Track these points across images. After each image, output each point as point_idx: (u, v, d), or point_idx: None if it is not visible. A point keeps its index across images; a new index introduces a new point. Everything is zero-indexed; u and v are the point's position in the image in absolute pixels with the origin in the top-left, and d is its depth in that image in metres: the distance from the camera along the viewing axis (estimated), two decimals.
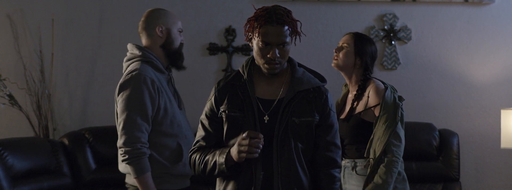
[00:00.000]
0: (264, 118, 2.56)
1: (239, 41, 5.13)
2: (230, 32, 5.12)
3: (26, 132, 5.01)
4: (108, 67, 5.15)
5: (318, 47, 5.11)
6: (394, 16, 5.09)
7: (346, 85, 3.60)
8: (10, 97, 4.92)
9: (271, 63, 2.54)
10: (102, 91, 5.14)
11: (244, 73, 2.63)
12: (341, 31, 5.12)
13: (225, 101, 2.60)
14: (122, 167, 3.09)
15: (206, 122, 2.65)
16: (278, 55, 2.52)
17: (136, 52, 3.20)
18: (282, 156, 2.55)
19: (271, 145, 2.54)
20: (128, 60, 3.24)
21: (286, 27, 2.51)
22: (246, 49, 5.12)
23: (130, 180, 3.11)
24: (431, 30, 5.12)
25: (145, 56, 3.16)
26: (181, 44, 3.23)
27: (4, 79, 4.93)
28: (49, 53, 5.06)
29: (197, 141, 2.67)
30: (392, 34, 5.08)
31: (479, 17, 5.09)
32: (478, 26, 5.10)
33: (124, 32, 5.15)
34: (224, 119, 2.60)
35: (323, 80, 2.66)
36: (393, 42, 5.10)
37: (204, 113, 2.67)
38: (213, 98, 2.63)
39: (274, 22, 2.49)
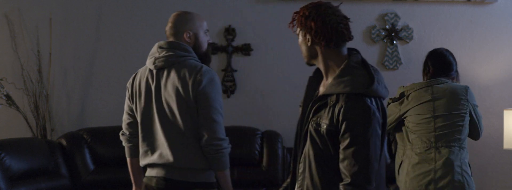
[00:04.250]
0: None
1: (239, 40, 5.09)
2: (229, 32, 5.09)
3: (24, 132, 4.99)
4: (107, 67, 5.12)
5: None
6: (396, 15, 5.06)
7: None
8: (8, 97, 4.89)
9: None
10: (100, 91, 5.12)
11: None
12: None
13: (304, 93, 2.61)
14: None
15: None
16: None
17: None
18: (303, 159, 2.51)
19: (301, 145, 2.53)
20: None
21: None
22: (245, 49, 5.09)
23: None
24: (433, 30, 5.09)
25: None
26: (209, 45, 3.26)
27: (2, 79, 4.91)
28: (47, 52, 5.03)
29: None
30: (393, 33, 5.05)
31: (481, 16, 5.07)
32: (480, 26, 5.07)
33: (123, 32, 5.12)
34: None
35: (358, 88, 2.42)
36: (394, 42, 5.07)
37: None
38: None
39: None
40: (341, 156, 2.40)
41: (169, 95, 2.98)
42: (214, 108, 2.95)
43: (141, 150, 3.08)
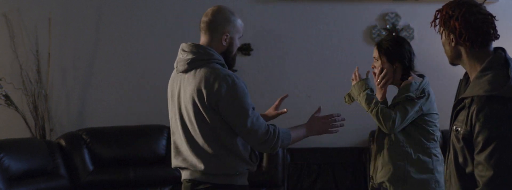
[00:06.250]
0: None
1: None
2: None
3: (23, 133, 4.97)
4: (106, 67, 5.11)
5: (320, 46, 5.07)
6: (397, 15, 5.05)
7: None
8: (6, 97, 4.88)
9: None
10: (99, 91, 5.10)
11: None
12: (343, 30, 5.07)
13: None
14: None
15: None
16: None
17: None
18: (447, 165, 2.42)
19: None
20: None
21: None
22: (246, 49, 5.07)
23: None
24: (433, 29, 5.06)
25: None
26: (237, 48, 3.12)
27: (0, 79, 4.89)
28: (46, 52, 5.02)
29: None
30: (394, 33, 5.03)
31: None
32: None
33: (123, 32, 5.11)
34: None
35: (492, 89, 2.26)
36: None
37: None
38: None
39: None
40: (475, 162, 2.24)
41: (187, 102, 2.86)
42: (240, 116, 2.80)
43: (172, 150, 3.01)
